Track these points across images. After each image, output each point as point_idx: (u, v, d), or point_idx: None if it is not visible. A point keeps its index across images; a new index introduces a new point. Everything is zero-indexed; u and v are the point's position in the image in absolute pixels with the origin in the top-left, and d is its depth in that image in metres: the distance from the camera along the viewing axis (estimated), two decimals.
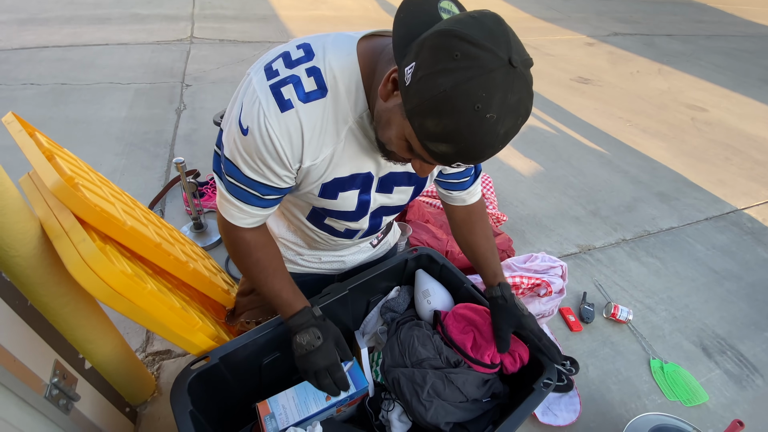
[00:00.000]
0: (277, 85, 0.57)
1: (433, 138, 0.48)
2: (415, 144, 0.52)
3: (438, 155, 0.50)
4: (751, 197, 2.41)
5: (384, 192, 0.77)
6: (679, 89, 3.91)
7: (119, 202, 0.85)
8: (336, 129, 0.62)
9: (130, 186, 1.86)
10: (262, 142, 0.58)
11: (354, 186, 0.71)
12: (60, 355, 0.76)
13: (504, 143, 0.49)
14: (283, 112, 0.57)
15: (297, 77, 0.57)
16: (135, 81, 2.86)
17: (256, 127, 0.57)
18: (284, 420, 0.84)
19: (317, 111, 0.59)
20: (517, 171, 2.38)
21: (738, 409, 1.27)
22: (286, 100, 0.57)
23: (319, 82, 0.58)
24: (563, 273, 1.34)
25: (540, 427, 1.14)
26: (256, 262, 0.75)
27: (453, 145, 0.48)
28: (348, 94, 0.60)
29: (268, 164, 0.61)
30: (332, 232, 0.85)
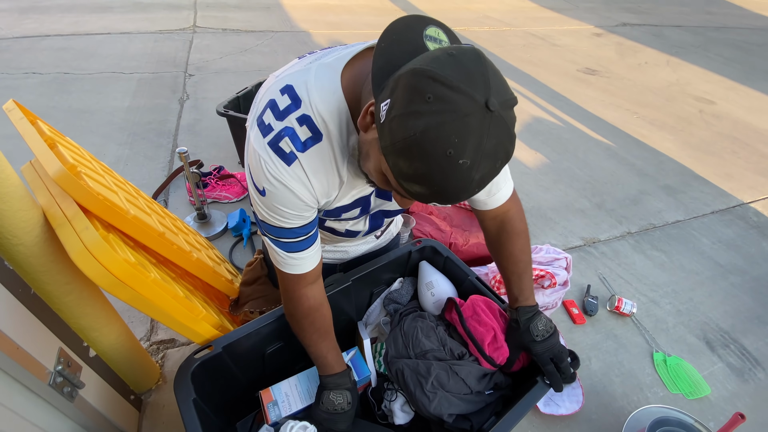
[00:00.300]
0: (275, 141, 0.58)
1: (406, 178, 0.48)
2: (392, 180, 0.51)
3: (413, 194, 0.49)
4: (757, 191, 2.38)
5: (382, 198, 0.79)
6: (687, 81, 3.85)
7: (122, 192, 0.85)
8: (337, 169, 0.63)
9: (133, 176, 1.86)
10: (282, 196, 0.61)
11: (357, 205, 0.75)
12: (64, 343, 0.76)
13: (481, 187, 0.48)
14: (290, 166, 0.59)
15: (291, 129, 0.58)
16: (137, 71, 2.85)
17: (271, 185, 0.59)
18: (287, 407, 0.85)
19: (317, 155, 0.60)
20: (523, 163, 2.35)
21: (739, 402, 1.27)
22: (288, 153, 0.58)
23: (312, 128, 0.58)
24: (567, 265, 1.33)
25: (541, 417, 1.14)
26: (312, 323, 0.77)
27: (426, 187, 0.47)
28: (340, 135, 0.60)
29: (293, 213, 0.64)
30: (333, 232, 0.86)
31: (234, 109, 1.73)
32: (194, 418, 0.73)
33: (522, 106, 3.00)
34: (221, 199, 1.74)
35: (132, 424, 0.99)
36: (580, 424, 1.14)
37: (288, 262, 0.70)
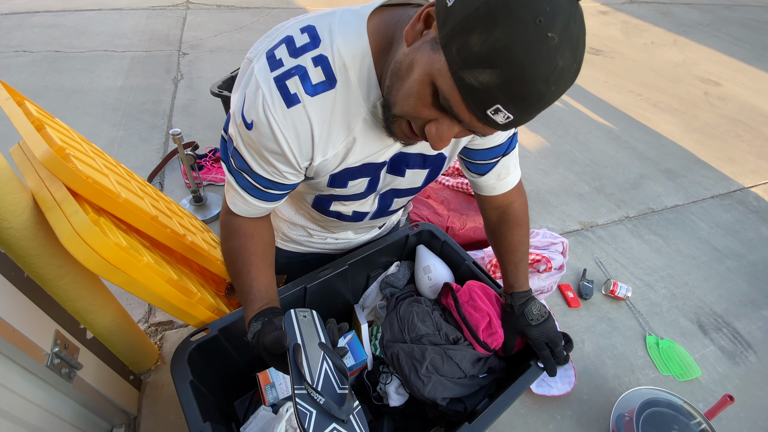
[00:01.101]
0: (282, 77, 0.51)
1: (473, 62, 0.39)
2: (444, 83, 0.42)
3: (474, 90, 0.41)
4: (759, 175, 2.37)
5: (395, 174, 0.71)
6: (694, 62, 3.77)
7: (114, 174, 0.84)
8: (347, 122, 0.56)
9: (128, 158, 1.84)
10: (267, 139, 0.54)
11: (365, 174, 0.67)
12: (60, 326, 0.77)
13: (557, 84, 0.40)
14: (289, 108, 0.52)
15: (303, 68, 0.51)
16: (130, 49, 2.78)
17: (261, 122, 0.53)
18: (284, 389, 0.86)
19: (326, 104, 0.53)
20: (522, 146, 2.33)
21: (729, 384, 1.29)
22: (292, 94, 0.51)
23: (327, 72, 0.52)
24: (564, 249, 1.33)
25: (534, 398, 1.17)
26: (234, 249, 0.68)
27: (500, 69, 0.39)
28: (360, 83, 0.54)
29: (272, 162, 0.58)
30: (340, 217, 0.81)
31: (229, 89, 1.69)
32: (191, 399, 0.74)
33: None
34: (218, 181, 1.73)
35: (132, 403, 1.01)
36: (572, 405, 1.17)
37: (233, 195, 0.64)
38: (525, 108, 0.41)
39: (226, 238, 0.70)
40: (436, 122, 0.48)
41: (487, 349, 0.87)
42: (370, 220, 0.84)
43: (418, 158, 0.69)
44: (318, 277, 0.95)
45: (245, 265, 0.66)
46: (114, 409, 0.93)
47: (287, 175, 0.60)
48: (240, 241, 0.68)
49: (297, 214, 0.89)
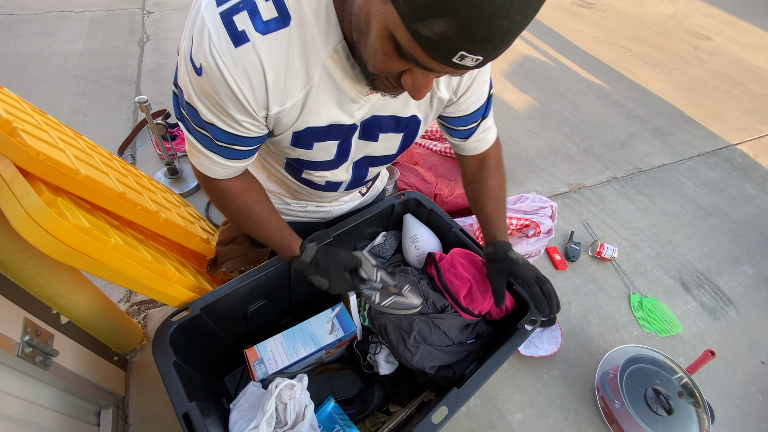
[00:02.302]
0: (229, 12, 0.46)
1: (423, 13, 0.36)
2: (402, 36, 0.39)
3: (433, 42, 0.38)
4: (745, 132, 2.37)
5: (368, 139, 0.67)
6: (685, 14, 3.66)
7: (72, 148, 0.76)
8: (305, 66, 0.51)
9: (95, 129, 1.72)
10: (218, 84, 0.49)
11: (332, 137, 0.62)
12: (30, 313, 0.73)
13: (522, 13, 0.35)
14: (237, 47, 0.46)
15: (252, 2, 0.46)
16: (89, 8, 2.56)
17: (209, 65, 0.47)
18: (273, 364, 0.85)
19: (279, 44, 0.48)
20: (512, 106, 2.26)
21: (710, 339, 1.34)
22: (240, 31, 0.46)
23: (280, 7, 0.47)
24: (552, 213, 1.32)
25: (521, 359, 1.19)
26: (236, 210, 0.69)
27: (452, 17, 0.35)
28: (317, 22, 0.48)
29: (228, 110, 0.52)
30: (312, 185, 0.77)
31: None
32: (175, 379, 0.72)
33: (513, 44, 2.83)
34: None
35: (119, 384, 0.99)
36: (558, 364, 1.20)
37: (201, 161, 0.59)
38: (492, 48, 0.38)
39: (221, 203, 0.69)
40: (410, 72, 0.45)
41: (472, 315, 0.86)
42: (346, 190, 0.81)
43: (391, 121, 0.66)
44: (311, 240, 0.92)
45: (259, 218, 0.70)
46: (100, 392, 0.91)
47: (246, 125, 0.55)
48: (238, 200, 0.67)
49: (270, 181, 0.86)
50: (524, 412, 1.09)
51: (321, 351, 0.88)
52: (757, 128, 2.41)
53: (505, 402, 1.11)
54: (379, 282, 0.77)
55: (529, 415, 1.09)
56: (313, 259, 0.72)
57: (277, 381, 0.78)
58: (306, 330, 0.88)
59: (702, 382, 1.20)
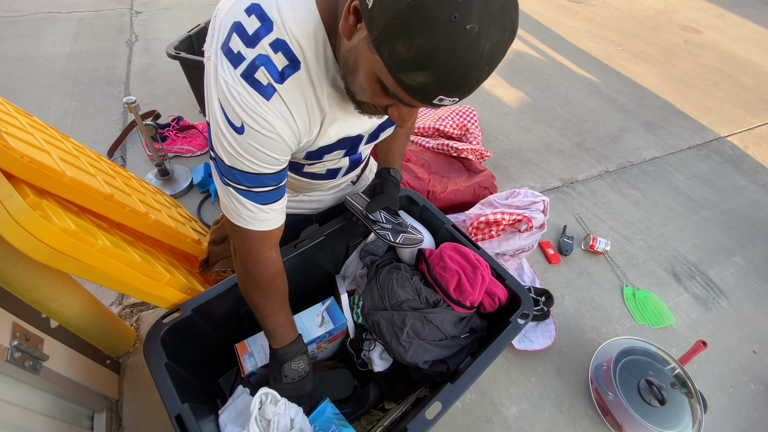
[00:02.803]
0: (249, 72, 0.50)
1: (406, 66, 0.41)
2: (388, 82, 0.45)
3: (415, 89, 0.43)
4: (735, 124, 2.39)
5: (372, 141, 0.76)
6: (675, 8, 3.68)
7: (57, 150, 0.76)
8: (317, 99, 0.57)
9: (84, 131, 1.70)
10: (264, 135, 0.53)
11: (341, 147, 0.68)
12: (19, 317, 0.72)
13: (490, 64, 0.41)
14: (269, 100, 0.51)
15: (265, 57, 0.50)
16: (77, 9, 2.53)
17: (253, 121, 0.52)
18: (263, 357, 0.85)
19: (296, 86, 0.53)
20: (504, 102, 2.27)
21: (702, 330, 1.35)
22: (266, 86, 0.51)
23: (289, 55, 0.51)
24: (545, 208, 1.32)
25: (516, 353, 1.20)
26: (276, 290, 0.71)
27: (431, 71, 0.41)
28: (317, 60, 0.53)
29: (271, 155, 0.56)
30: (313, 177, 0.80)
31: (187, 50, 1.56)
32: (167, 381, 0.72)
33: None
34: (184, 152, 1.63)
35: (112, 387, 0.98)
36: (552, 357, 1.21)
37: (258, 216, 0.62)
38: (465, 92, 0.44)
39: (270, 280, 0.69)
40: (395, 106, 0.51)
41: (464, 307, 0.87)
42: (344, 175, 0.85)
43: (389, 121, 0.74)
44: (294, 250, 0.92)
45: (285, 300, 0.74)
46: (92, 395, 0.90)
47: (285, 159, 0.60)
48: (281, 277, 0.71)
49: None
50: (519, 406, 1.10)
51: (312, 344, 0.88)
52: (747, 120, 2.43)
53: (500, 396, 1.11)
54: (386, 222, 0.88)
55: (524, 408, 1.10)
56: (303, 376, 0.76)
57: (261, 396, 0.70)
58: (296, 323, 0.88)
59: (695, 372, 1.21)
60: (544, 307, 1.26)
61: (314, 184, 0.85)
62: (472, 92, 0.45)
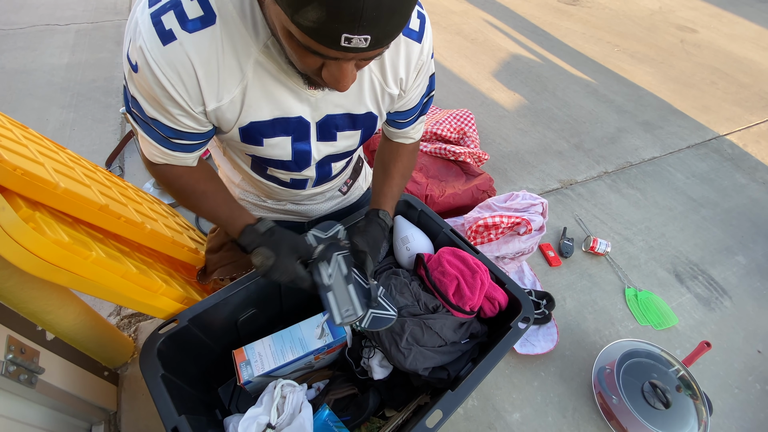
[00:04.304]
0: (158, 12, 0.48)
1: (296, 4, 0.38)
2: (293, 31, 0.41)
3: (315, 30, 0.39)
4: (734, 122, 2.38)
5: (327, 140, 0.69)
6: (671, 8, 3.69)
7: (52, 161, 0.75)
8: (238, 63, 0.53)
9: (83, 142, 1.71)
10: (152, 81, 0.51)
11: (281, 132, 0.63)
12: (13, 330, 0.72)
13: None
14: (165, 45, 0.49)
15: (177, 2, 0.49)
16: (74, 21, 2.54)
17: (142, 64, 0.50)
18: (260, 367, 0.84)
19: (208, 42, 0.50)
20: (501, 105, 2.27)
21: (705, 330, 1.34)
22: (167, 30, 0.48)
23: (205, 6, 0.49)
24: (543, 210, 1.32)
25: (518, 358, 1.18)
26: (181, 189, 0.68)
27: (317, 1, 0.36)
28: (243, 19, 0.50)
29: (164, 105, 0.54)
30: (280, 183, 0.78)
31: None
32: (163, 393, 0.71)
33: (501, 44, 2.84)
34: None
35: (110, 399, 0.98)
36: (555, 361, 1.19)
37: (151, 151, 0.61)
38: (370, 23, 0.38)
39: (166, 184, 0.68)
40: (325, 67, 0.47)
41: (463, 312, 0.86)
42: (314, 186, 0.83)
43: (347, 119, 0.67)
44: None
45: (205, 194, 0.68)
46: (90, 408, 0.89)
47: (183, 119, 0.57)
48: (181, 180, 0.67)
49: (244, 181, 0.87)
50: (522, 411, 1.09)
51: (309, 356, 0.87)
52: (745, 118, 2.43)
53: (502, 402, 1.10)
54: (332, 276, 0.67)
55: (527, 414, 1.08)
56: (267, 230, 0.68)
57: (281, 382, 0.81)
58: (295, 334, 0.87)
59: (699, 373, 1.20)
60: (545, 310, 1.25)
61: (288, 193, 0.83)
62: (388, 28, 0.40)
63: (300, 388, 0.81)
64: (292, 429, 0.73)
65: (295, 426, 0.73)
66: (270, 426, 0.74)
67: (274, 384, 0.80)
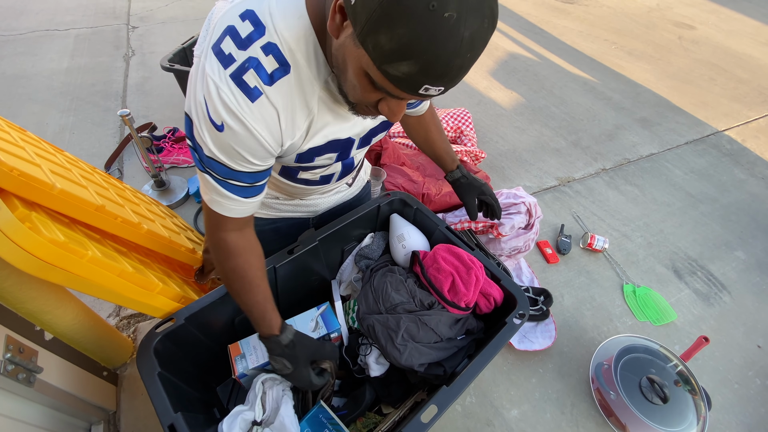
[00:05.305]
0: (238, 73, 0.51)
1: (390, 57, 0.43)
2: (375, 75, 0.46)
3: (401, 80, 0.44)
4: (732, 118, 2.38)
5: (364, 146, 0.77)
6: (668, 5, 3.69)
7: (48, 163, 0.76)
8: (305, 102, 0.58)
9: (82, 145, 1.72)
10: (243, 137, 0.54)
11: (331, 150, 0.69)
12: (12, 330, 0.72)
13: (472, 51, 0.43)
14: (254, 102, 0.53)
15: (255, 59, 0.51)
16: (74, 26, 2.56)
17: (232, 122, 0.53)
18: (254, 360, 0.85)
19: (285, 90, 0.55)
20: (498, 104, 2.27)
21: (704, 325, 1.34)
22: (252, 87, 0.52)
23: (279, 58, 0.53)
24: (529, 209, 1.32)
25: (516, 354, 1.19)
26: (233, 269, 0.69)
27: (413, 60, 0.42)
28: (308, 63, 0.55)
29: (250, 159, 0.58)
30: (307, 183, 0.81)
31: (180, 62, 1.57)
32: (160, 391, 0.71)
33: (498, 42, 2.85)
34: (180, 163, 1.64)
35: (109, 399, 0.98)
36: (553, 357, 1.19)
37: (222, 203, 0.62)
38: (450, 80, 0.45)
39: (224, 259, 0.69)
40: (385, 101, 0.52)
41: (458, 308, 0.86)
42: (337, 180, 0.86)
43: (381, 126, 0.76)
44: (287, 256, 0.92)
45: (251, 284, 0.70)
46: (89, 407, 0.90)
47: (264, 163, 0.61)
48: (238, 259, 0.68)
49: None
50: (521, 408, 1.09)
51: None
52: (744, 114, 2.42)
53: (500, 398, 1.10)
54: None
55: (525, 410, 1.08)
56: (289, 342, 0.73)
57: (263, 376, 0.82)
58: None
59: (699, 368, 1.20)
60: (543, 306, 1.25)
61: (309, 190, 0.86)
62: (457, 81, 0.46)
63: (280, 380, 0.82)
64: (274, 427, 0.74)
65: (277, 425, 0.74)
66: (256, 423, 0.75)
67: (257, 378, 0.81)
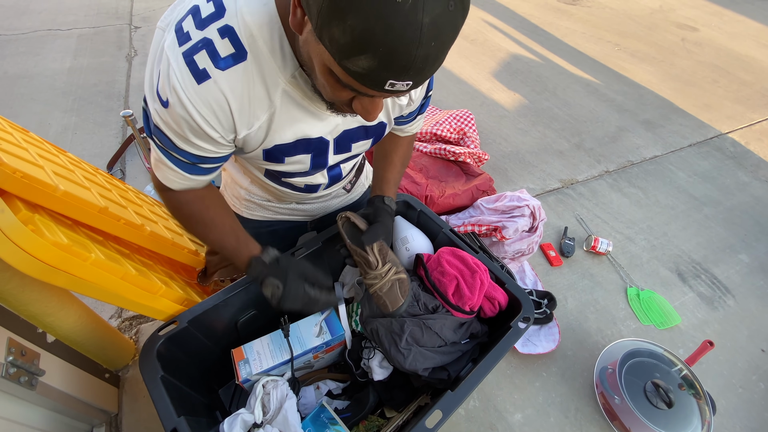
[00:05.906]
0: (190, 52, 0.49)
1: (347, 52, 0.39)
2: (338, 72, 0.43)
3: (363, 75, 0.41)
4: (735, 120, 2.37)
5: (343, 152, 0.72)
6: (671, 7, 3.69)
7: (51, 164, 0.76)
8: (267, 93, 0.55)
9: (84, 146, 1.72)
10: (184, 119, 0.52)
11: (303, 151, 0.66)
12: (14, 333, 0.72)
13: (436, 39, 0.38)
14: (200, 84, 0.50)
15: (209, 40, 0.49)
16: (76, 26, 2.56)
17: (175, 102, 0.51)
18: (258, 365, 0.84)
19: (239, 77, 0.52)
20: (501, 105, 2.27)
21: (709, 329, 1.33)
22: (201, 69, 0.50)
23: (236, 43, 0.50)
24: (533, 212, 1.31)
25: (520, 358, 1.18)
26: (188, 216, 0.68)
27: (371, 53, 0.38)
28: (272, 53, 0.52)
29: (193, 141, 0.56)
30: (293, 188, 0.79)
31: None
32: (163, 394, 0.71)
33: (501, 44, 2.84)
34: None
35: (111, 401, 0.98)
36: (557, 361, 1.19)
37: (165, 171, 0.61)
38: (416, 73, 0.41)
39: (176, 209, 0.68)
40: (357, 99, 0.49)
41: (463, 312, 0.86)
42: (325, 189, 0.84)
43: (361, 131, 0.70)
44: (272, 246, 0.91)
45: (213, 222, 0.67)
46: (91, 410, 0.89)
47: (212, 148, 0.58)
48: (191, 206, 0.66)
49: (254, 185, 0.87)
50: (524, 412, 1.08)
51: (308, 354, 0.87)
52: (747, 116, 2.41)
53: (504, 402, 1.09)
54: None
55: (529, 414, 1.08)
56: (273, 260, 0.70)
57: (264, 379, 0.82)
58: (293, 332, 0.87)
59: (703, 373, 1.19)
60: (546, 310, 1.24)
61: (299, 196, 0.84)
62: (427, 74, 0.42)
63: (282, 381, 0.81)
64: (277, 422, 0.73)
65: (280, 419, 0.74)
66: (256, 425, 0.74)
67: (258, 382, 0.81)
